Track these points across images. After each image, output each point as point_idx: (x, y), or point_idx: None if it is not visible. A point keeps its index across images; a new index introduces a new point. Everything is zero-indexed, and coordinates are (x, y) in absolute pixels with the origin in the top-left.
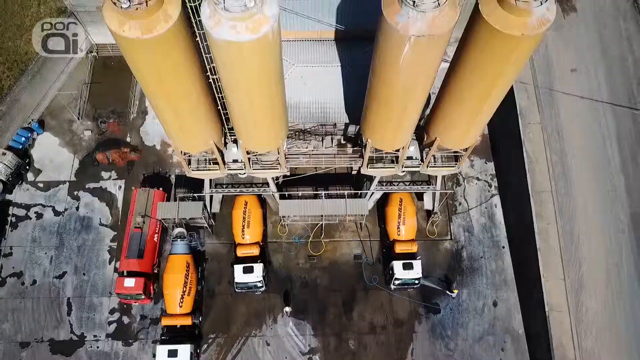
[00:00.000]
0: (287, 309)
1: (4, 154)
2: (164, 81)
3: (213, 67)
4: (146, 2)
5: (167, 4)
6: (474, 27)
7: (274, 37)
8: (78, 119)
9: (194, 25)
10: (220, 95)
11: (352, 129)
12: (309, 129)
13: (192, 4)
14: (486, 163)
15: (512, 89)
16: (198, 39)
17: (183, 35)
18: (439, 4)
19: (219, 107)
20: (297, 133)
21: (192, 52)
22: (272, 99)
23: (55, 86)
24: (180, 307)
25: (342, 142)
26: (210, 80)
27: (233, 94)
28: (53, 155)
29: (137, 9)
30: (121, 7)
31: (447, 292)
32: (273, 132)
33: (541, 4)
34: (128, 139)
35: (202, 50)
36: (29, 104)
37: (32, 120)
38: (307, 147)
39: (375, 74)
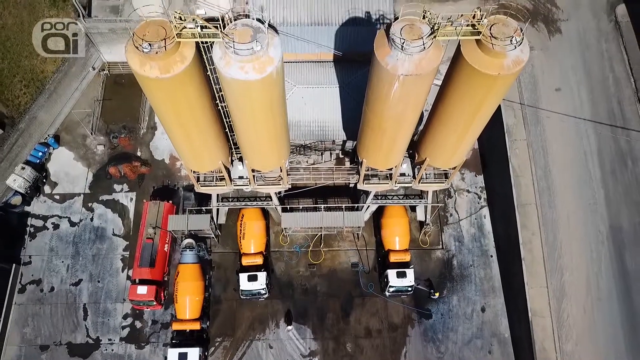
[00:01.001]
0: (290, 327)
1: (23, 168)
2: (178, 112)
3: (221, 95)
4: (165, 46)
5: (183, 47)
6: (457, 65)
7: (277, 75)
8: (91, 134)
9: (206, 62)
10: (227, 120)
11: (349, 144)
12: (309, 145)
13: (205, 44)
14: (476, 176)
15: (499, 107)
16: (209, 72)
17: (196, 73)
18: (424, 48)
19: (227, 129)
20: (298, 148)
21: (204, 86)
22: (275, 127)
23: (70, 103)
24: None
25: (340, 156)
26: (219, 107)
27: (240, 122)
28: (68, 169)
29: (156, 52)
30: (143, 50)
31: (431, 291)
32: (276, 154)
33: (515, 47)
34: (138, 154)
35: (213, 82)
36: (45, 120)
37: (48, 135)
38: (307, 161)
39: (368, 105)
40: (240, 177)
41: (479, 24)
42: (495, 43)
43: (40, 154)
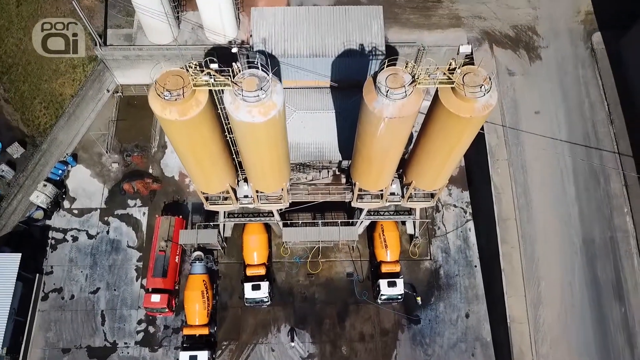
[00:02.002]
0: (293, 343)
1: (45, 185)
2: (193, 146)
3: (230, 127)
4: (183, 94)
5: (198, 93)
6: (435, 107)
7: (280, 117)
8: (106, 152)
9: (217, 101)
10: (235, 148)
11: (345, 163)
12: (308, 163)
13: (215, 89)
14: (462, 192)
15: (483, 128)
16: (220, 111)
17: (209, 113)
18: (406, 95)
19: (234, 155)
20: (297, 166)
21: (215, 122)
22: (278, 157)
23: (87, 124)
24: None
25: (337, 173)
26: (228, 138)
27: (246, 154)
28: (85, 185)
29: (175, 99)
30: (164, 98)
31: (414, 294)
32: (278, 179)
33: (484, 94)
34: (150, 171)
35: (223, 118)
36: (65, 140)
37: (67, 154)
38: (306, 178)
39: (359, 139)
40: (245, 196)
41: (452, 74)
42: (467, 91)
43: (60, 171)
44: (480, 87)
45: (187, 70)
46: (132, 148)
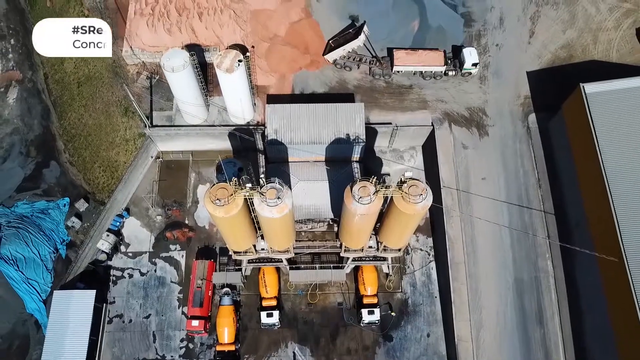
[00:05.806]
0: None
1: (107, 235)
2: (232, 229)
3: (255, 209)
4: (227, 201)
5: (237, 199)
6: (392, 205)
7: (290, 212)
8: (151, 207)
9: (248, 200)
10: (257, 221)
11: (337, 217)
12: (309, 219)
13: (249, 198)
14: (427, 238)
15: (442, 203)
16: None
17: (244, 210)
18: (371, 200)
19: (255, 224)
20: (301, 220)
21: (247, 213)
22: (287, 232)
23: (136, 184)
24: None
25: (331, 223)
26: (253, 215)
27: (266, 231)
28: (137, 234)
29: (223, 204)
30: (215, 203)
31: (388, 311)
32: (286, 242)
33: (422, 200)
34: (186, 221)
35: (250, 204)
36: (121, 199)
37: (122, 209)
38: (307, 227)
39: (343, 220)
40: (262, 249)
41: (400, 188)
42: (411, 198)
43: (117, 223)
44: (420, 196)
45: (230, 184)
46: (171, 203)
